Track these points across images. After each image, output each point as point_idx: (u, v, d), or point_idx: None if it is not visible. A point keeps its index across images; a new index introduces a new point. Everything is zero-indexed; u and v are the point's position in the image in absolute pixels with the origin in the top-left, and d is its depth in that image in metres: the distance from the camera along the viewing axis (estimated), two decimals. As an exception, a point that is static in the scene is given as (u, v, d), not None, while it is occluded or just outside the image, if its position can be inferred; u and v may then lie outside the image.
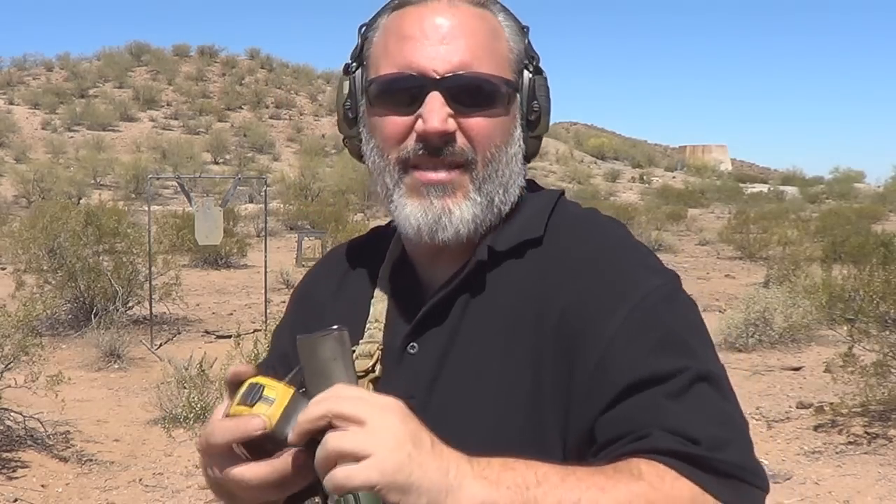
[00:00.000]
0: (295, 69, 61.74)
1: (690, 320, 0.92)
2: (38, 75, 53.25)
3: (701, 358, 0.88)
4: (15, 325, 5.44)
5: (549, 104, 1.00)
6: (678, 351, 0.87)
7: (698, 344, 0.90)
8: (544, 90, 1.00)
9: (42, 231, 9.80)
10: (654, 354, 0.86)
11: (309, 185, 31.45)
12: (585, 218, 1.01)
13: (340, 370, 0.82)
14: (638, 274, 0.93)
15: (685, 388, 0.85)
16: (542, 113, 0.99)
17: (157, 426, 5.90)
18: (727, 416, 0.87)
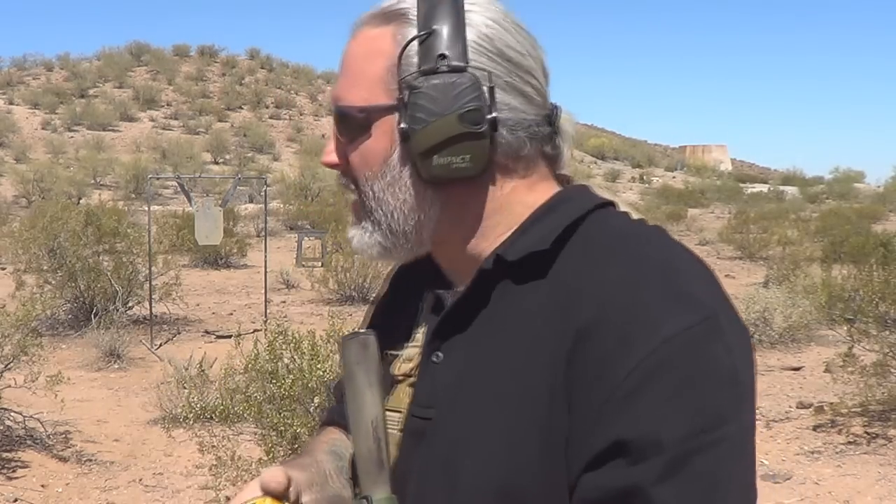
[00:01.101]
0: (295, 69, 61.75)
1: (719, 370, 0.78)
2: (38, 75, 53.26)
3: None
4: (15, 325, 5.44)
5: (437, 110, 0.85)
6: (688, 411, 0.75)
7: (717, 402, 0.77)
8: (427, 98, 0.85)
9: (42, 231, 9.81)
10: (662, 412, 0.74)
11: (309, 185, 31.44)
12: (616, 235, 0.87)
13: (362, 375, 0.85)
14: (662, 310, 0.77)
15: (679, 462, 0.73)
16: (410, 131, 0.86)
17: (157, 426, 5.90)
18: None
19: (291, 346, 4.46)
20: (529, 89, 0.89)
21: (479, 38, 0.87)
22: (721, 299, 0.81)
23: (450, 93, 0.85)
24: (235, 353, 4.72)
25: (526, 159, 0.90)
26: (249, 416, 4.26)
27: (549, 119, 0.91)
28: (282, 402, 4.17)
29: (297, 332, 4.59)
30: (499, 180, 0.90)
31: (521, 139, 0.88)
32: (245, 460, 4.20)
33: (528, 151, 0.89)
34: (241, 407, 4.25)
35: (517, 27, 0.90)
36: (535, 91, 0.89)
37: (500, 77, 0.87)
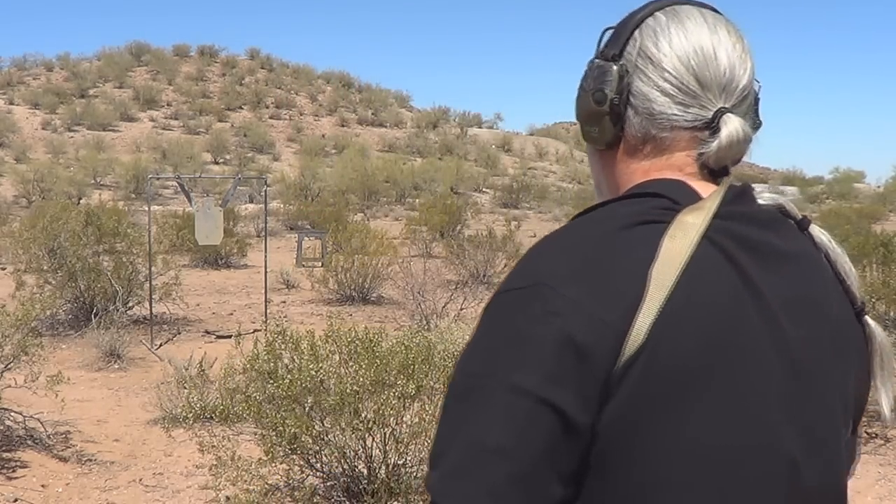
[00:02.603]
0: (295, 69, 61.69)
1: (481, 318, 0.95)
2: (38, 75, 53.20)
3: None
4: (15, 325, 5.44)
5: (580, 98, 1.09)
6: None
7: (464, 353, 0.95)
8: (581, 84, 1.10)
9: (42, 231, 9.81)
10: (467, 347, 0.95)
11: (309, 185, 31.44)
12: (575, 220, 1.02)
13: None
14: (511, 273, 0.96)
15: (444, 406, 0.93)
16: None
17: (157, 426, 5.90)
18: (435, 437, 0.93)
19: (290, 346, 4.46)
20: (668, 86, 1.02)
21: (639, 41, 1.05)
22: (562, 275, 0.91)
23: (584, 82, 1.08)
24: (235, 353, 4.72)
25: (654, 142, 1.03)
26: (249, 417, 4.26)
27: (703, 119, 1.02)
28: (281, 403, 4.17)
29: (296, 332, 4.60)
30: (623, 156, 1.07)
31: (644, 124, 1.03)
32: (245, 460, 4.20)
33: (654, 136, 1.03)
34: (240, 407, 4.25)
35: (694, 46, 1.03)
36: (677, 90, 1.02)
37: (640, 70, 1.03)
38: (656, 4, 1.06)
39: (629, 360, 0.87)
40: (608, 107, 1.03)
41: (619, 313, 0.88)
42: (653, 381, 0.88)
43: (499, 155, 48.99)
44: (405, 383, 4.14)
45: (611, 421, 0.88)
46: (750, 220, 0.98)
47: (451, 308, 9.33)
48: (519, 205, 33.80)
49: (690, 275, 0.90)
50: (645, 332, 0.87)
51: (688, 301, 0.89)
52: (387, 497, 4.13)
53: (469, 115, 58.29)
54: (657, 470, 0.89)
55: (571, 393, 0.87)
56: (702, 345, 0.89)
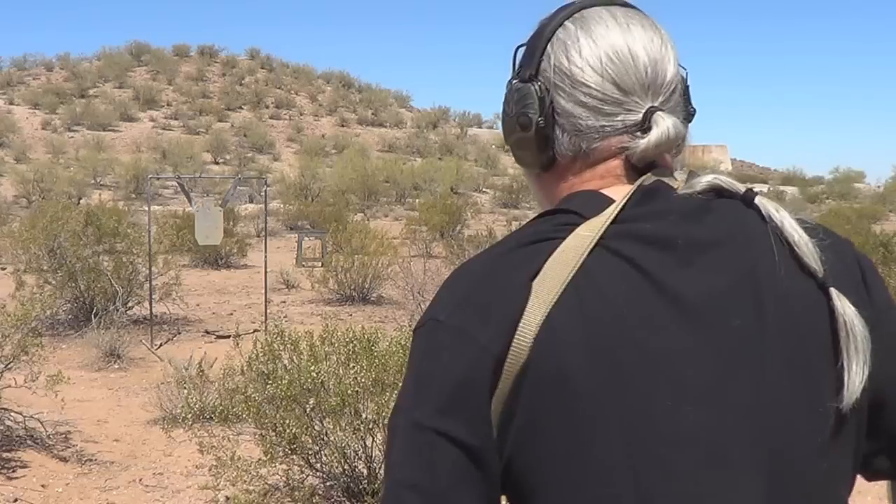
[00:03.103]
0: (295, 69, 61.70)
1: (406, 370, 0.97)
2: (38, 75, 53.21)
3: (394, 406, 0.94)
4: (14, 324, 5.44)
5: (505, 124, 1.05)
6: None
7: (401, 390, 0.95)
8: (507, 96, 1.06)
9: (42, 231, 9.81)
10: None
11: (309, 185, 31.44)
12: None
13: None
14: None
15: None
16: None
17: (157, 426, 5.90)
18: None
19: (289, 346, 4.47)
20: (590, 100, 0.97)
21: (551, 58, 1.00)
22: (450, 307, 0.93)
23: (507, 96, 1.04)
24: (234, 353, 4.73)
25: (584, 157, 0.99)
26: (248, 417, 4.26)
27: (633, 122, 0.97)
28: (281, 403, 4.17)
29: (294, 333, 4.60)
30: (556, 175, 1.03)
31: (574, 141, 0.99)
32: (245, 460, 4.20)
33: (584, 150, 0.99)
34: (240, 407, 4.25)
35: (605, 52, 0.98)
36: (600, 101, 0.97)
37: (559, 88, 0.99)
38: (563, 13, 1.01)
39: (517, 378, 0.86)
40: (535, 131, 0.99)
41: (495, 334, 0.87)
42: (541, 397, 0.86)
43: (499, 155, 48.96)
44: (404, 383, 4.14)
45: (512, 448, 0.87)
46: (661, 215, 0.92)
47: (451, 308, 9.32)
48: (519, 205, 33.79)
49: (579, 285, 0.87)
50: (527, 348, 0.86)
51: (575, 312, 0.86)
52: (386, 497, 4.13)
53: (469, 115, 58.31)
54: (559, 492, 0.87)
55: (462, 421, 0.86)
56: (592, 356, 0.86)
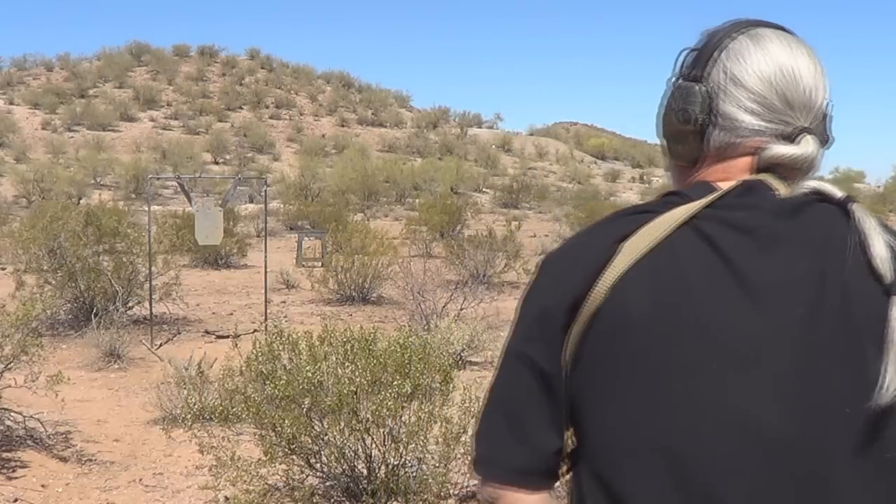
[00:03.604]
0: (295, 69, 61.66)
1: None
2: (38, 75, 53.18)
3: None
4: (15, 324, 5.44)
5: (665, 117, 1.18)
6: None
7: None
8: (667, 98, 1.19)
9: (42, 231, 9.80)
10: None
11: (309, 185, 31.44)
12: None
13: None
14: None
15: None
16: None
17: (157, 426, 5.90)
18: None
19: (288, 346, 4.47)
20: (755, 105, 1.09)
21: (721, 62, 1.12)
22: (554, 257, 1.12)
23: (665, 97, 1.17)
24: (234, 353, 4.73)
25: (727, 148, 1.11)
26: (248, 417, 4.26)
27: (782, 132, 1.09)
28: (279, 403, 4.18)
29: (293, 333, 4.60)
30: (700, 168, 1.15)
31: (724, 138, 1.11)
32: (245, 461, 4.21)
33: (731, 142, 1.11)
34: (240, 408, 4.26)
35: (776, 70, 1.09)
36: (763, 108, 1.08)
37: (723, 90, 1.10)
38: (735, 27, 1.13)
39: (590, 319, 1.02)
40: (693, 126, 1.11)
41: (578, 279, 1.03)
42: (605, 337, 1.01)
43: (499, 155, 48.97)
44: (401, 383, 4.14)
45: (581, 380, 1.03)
46: (751, 208, 1.04)
47: (451, 308, 9.33)
48: (519, 205, 33.79)
49: (660, 252, 1.01)
50: (602, 295, 1.01)
51: (650, 273, 1.00)
52: (386, 497, 4.14)
53: (469, 115, 58.29)
54: (611, 425, 1.01)
55: (539, 347, 1.05)
56: (655, 312, 0.99)
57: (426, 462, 4.31)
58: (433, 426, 4.28)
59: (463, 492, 4.64)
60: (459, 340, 7.78)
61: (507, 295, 12.76)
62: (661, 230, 1.01)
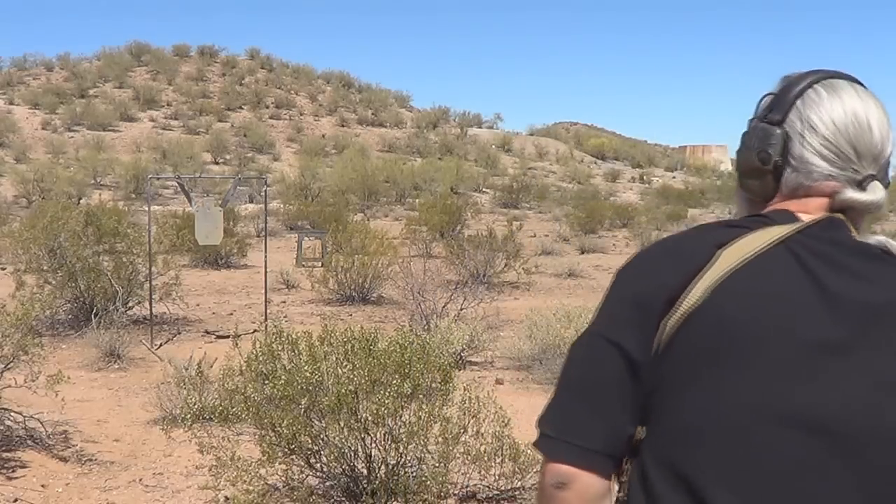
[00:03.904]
0: (295, 69, 61.64)
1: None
2: (38, 75, 53.17)
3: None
4: (15, 324, 5.44)
5: (743, 154, 1.27)
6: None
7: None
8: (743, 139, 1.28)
9: (42, 231, 9.80)
10: None
11: (309, 185, 31.45)
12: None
13: None
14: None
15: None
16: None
17: (157, 426, 5.90)
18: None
19: (288, 347, 4.46)
20: (828, 153, 1.18)
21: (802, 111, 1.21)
22: (652, 254, 1.19)
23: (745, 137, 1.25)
24: (234, 353, 4.72)
25: (801, 189, 1.20)
26: (248, 417, 4.26)
27: (852, 179, 1.18)
28: (279, 403, 4.18)
29: (293, 333, 4.59)
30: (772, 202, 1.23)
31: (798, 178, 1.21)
32: (245, 461, 4.20)
33: (804, 185, 1.20)
34: (239, 408, 4.25)
35: (850, 118, 1.19)
36: (836, 156, 1.18)
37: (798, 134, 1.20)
38: (814, 77, 1.22)
39: (683, 316, 1.08)
40: (771, 166, 1.21)
41: (679, 278, 1.10)
42: (701, 338, 1.08)
43: (499, 155, 48.96)
44: (401, 383, 4.14)
45: (666, 370, 1.09)
46: (834, 243, 1.14)
47: (451, 308, 9.33)
48: (519, 205, 33.79)
49: (756, 263, 1.10)
50: (700, 295, 1.08)
51: (745, 281, 1.08)
52: (386, 497, 4.13)
53: (469, 115, 58.26)
54: (694, 418, 1.07)
55: (629, 333, 1.11)
56: (747, 316, 1.07)
57: (426, 462, 4.31)
58: (433, 426, 4.28)
59: (463, 492, 4.64)
60: (459, 340, 7.78)
61: (507, 295, 12.77)
62: (757, 243, 1.11)
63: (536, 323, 7.87)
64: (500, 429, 4.51)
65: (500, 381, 7.40)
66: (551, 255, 18.33)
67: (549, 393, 4.70)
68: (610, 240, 22.93)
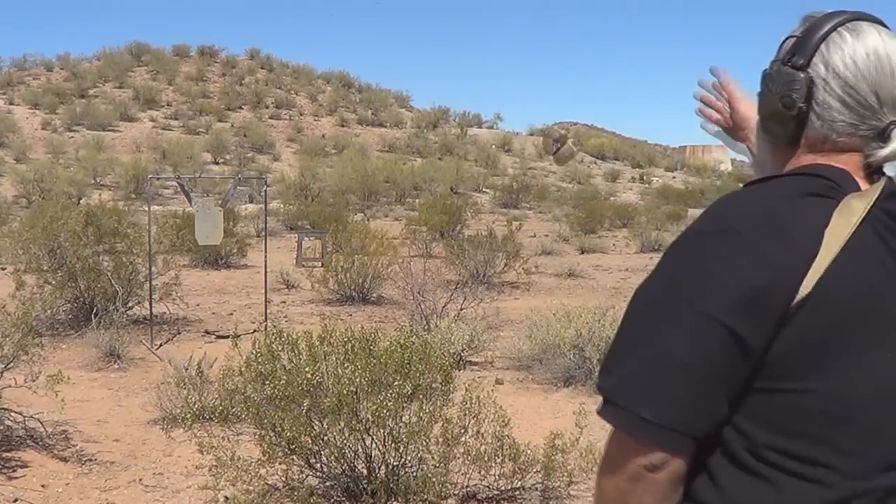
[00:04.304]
0: (295, 69, 61.64)
1: (667, 255, 1.17)
2: (38, 75, 53.17)
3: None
4: (15, 324, 5.43)
5: (766, 97, 1.26)
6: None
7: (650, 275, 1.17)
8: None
9: (42, 231, 9.80)
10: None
11: (309, 185, 31.44)
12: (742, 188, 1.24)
13: None
14: (698, 219, 1.19)
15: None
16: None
17: (157, 426, 5.90)
18: (612, 344, 1.16)
19: (288, 347, 4.46)
20: (851, 101, 1.18)
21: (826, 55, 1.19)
22: (749, 225, 1.12)
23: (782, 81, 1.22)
24: (234, 353, 4.72)
25: (831, 143, 1.21)
26: (248, 417, 4.25)
27: (876, 129, 1.19)
28: (279, 403, 4.17)
29: (293, 333, 4.59)
30: (800, 151, 1.24)
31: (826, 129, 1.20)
32: (245, 461, 4.20)
33: (833, 139, 1.20)
34: (239, 408, 4.25)
35: (873, 61, 1.18)
36: (858, 104, 1.18)
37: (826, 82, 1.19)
38: (838, 19, 1.21)
39: (799, 303, 1.08)
40: (796, 112, 1.20)
41: (799, 262, 1.09)
42: (813, 325, 1.08)
43: (499, 155, 48.96)
44: (402, 383, 4.14)
45: (776, 351, 1.09)
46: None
47: (451, 308, 9.33)
48: (519, 205, 33.79)
49: (851, 248, 1.11)
50: (813, 283, 1.08)
51: (847, 268, 1.10)
52: (386, 497, 4.13)
53: (469, 115, 58.25)
54: (804, 397, 1.10)
55: (752, 322, 1.08)
56: (854, 305, 1.10)
57: (426, 462, 4.31)
58: (433, 426, 4.28)
59: (463, 492, 4.64)
60: (459, 340, 7.78)
61: (507, 295, 12.77)
62: (851, 223, 1.12)
63: (536, 323, 7.86)
64: (500, 429, 4.51)
65: (500, 381, 7.40)
66: (551, 255, 18.33)
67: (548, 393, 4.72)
68: (610, 240, 22.94)
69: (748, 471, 1.11)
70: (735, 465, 1.12)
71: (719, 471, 1.13)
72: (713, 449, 1.14)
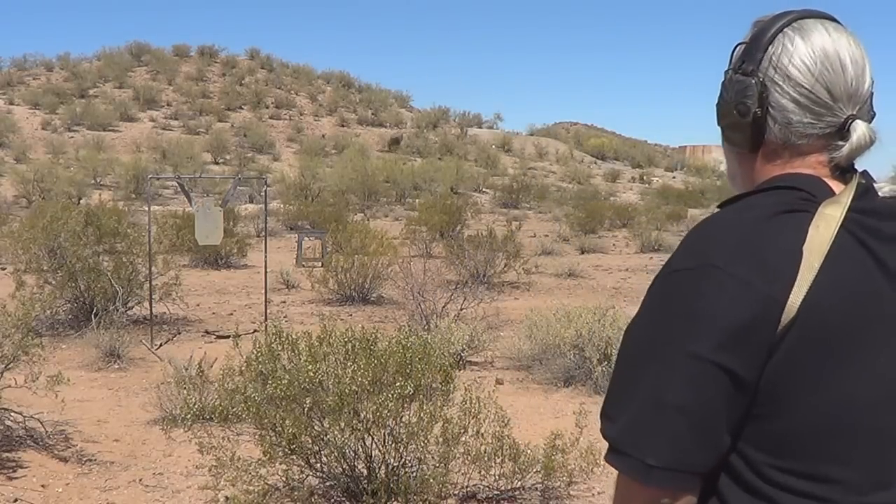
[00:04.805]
0: (295, 69, 61.67)
1: (652, 294, 1.14)
2: (38, 75, 53.19)
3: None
4: (15, 324, 5.43)
5: (722, 108, 1.25)
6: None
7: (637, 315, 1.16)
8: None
9: (42, 231, 9.80)
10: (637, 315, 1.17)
11: (309, 185, 31.46)
12: (719, 212, 1.20)
13: None
14: (677, 254, 1.16)
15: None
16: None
17: (157, 426, 5.90)
18: (609, 388, 1.16)
19: (288, 347, 4.46)
20: (804, 99, 1.17)
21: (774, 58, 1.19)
22: (726, 257, 1.09)
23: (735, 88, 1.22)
24: (234, 353, 4.72)
25: (792, 148, 1.20)
26: (248, 417, 4.25)
27: (834, 126, 1.18)
28: (280, 403, 4.17)
29: (293, 333, 4.59)
30: (762, 158, 1.23)
31: (785, 133, 1.20)
32: (245, 461, 4.20)
33: (793, 142, 1.19)
34: (240, 408, 4.25)
35: (827, 59, 1.17)
36: (812, 102, 1.17)
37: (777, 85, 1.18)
38: (783, 21, 1.20)
39: (785, 327, 1.07)
40: (751, 118, 1.19)
41: (780, 288, 1.07)
42: (803, 346, 1.08)
43: (499, 155, 48.99)
44: (403, 383, 4.14)
45: (768, 378, 1.08)
46: (875, 213, 1.15)
47: (451, 308, 9.33)
48: (519, 205, 33.80)
49: (833, 258, 1.09)
50: (797, 305, 1.07)
51: (831, 280, 1.08)
52: (386, 497, 4.13)
53: (469, 115, 58.30)
54: (803, 417, 1.09)
55: (742, 357, 1.07)
56: (843, 316, 1.09)
57: (426, 462, 4.31)
58: (434, 426, 4.28)
59: (463, 492, 4.64)
60: (459, 340, 7.78)
61: (507, 295, 12.77)
62: (829, 234, 1.11)
63: (536, 323, 7.86)
64: (500, 429, 4.51)
65: (500, 381, 7.40)
66: (551, 255, 18.33)
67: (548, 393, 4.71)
68: (610, 240, 22.94)
69: (755, 493, 1.12)
70: (742, 487, 1.13)
71: (728, 493, 1.14)
72: (721, 473, 1.15)
